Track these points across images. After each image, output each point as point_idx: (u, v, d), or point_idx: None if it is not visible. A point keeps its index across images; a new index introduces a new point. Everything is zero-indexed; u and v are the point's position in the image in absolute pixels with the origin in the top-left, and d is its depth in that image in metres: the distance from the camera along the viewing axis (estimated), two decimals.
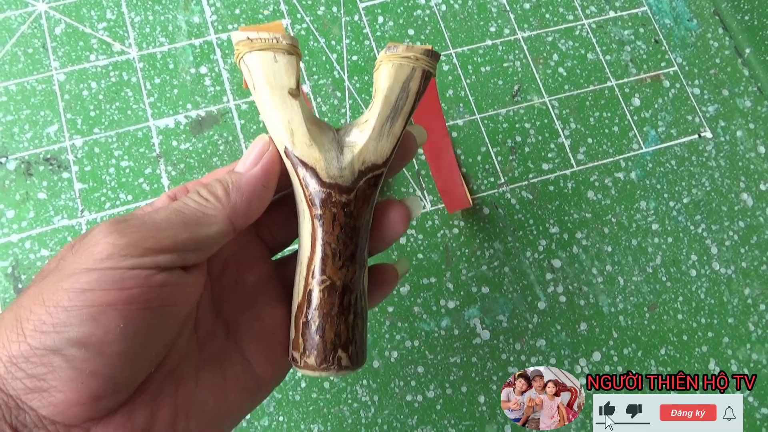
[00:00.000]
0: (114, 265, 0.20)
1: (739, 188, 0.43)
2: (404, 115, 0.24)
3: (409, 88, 0.24)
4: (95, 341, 0.19)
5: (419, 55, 0.24)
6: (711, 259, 0.41)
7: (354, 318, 0.24)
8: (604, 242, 0.41)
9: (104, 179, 0.40)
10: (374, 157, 0.24)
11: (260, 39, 0.23)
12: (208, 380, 0.24)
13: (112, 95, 0.42)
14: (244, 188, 0.23)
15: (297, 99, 0.23)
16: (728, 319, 0.40)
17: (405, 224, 0.26)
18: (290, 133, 0.23)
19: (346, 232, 0.24)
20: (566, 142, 0.43)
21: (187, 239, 0.22)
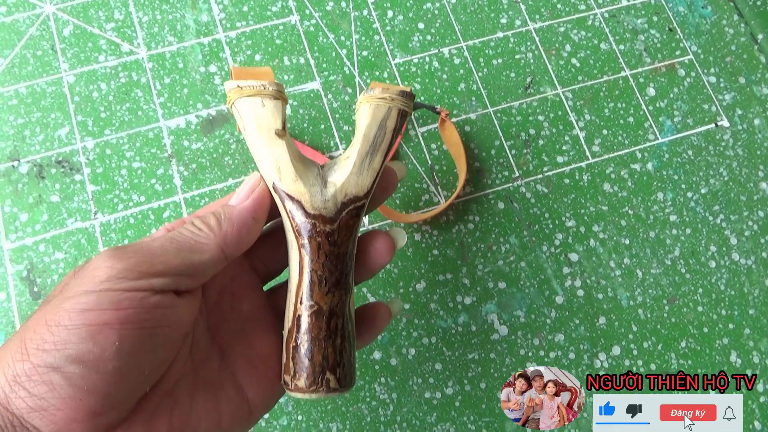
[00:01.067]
0: (111, 287, 0.21)
1: (757, 177, 0.42)
2: (382, 151, 0.27)
3: (386, 126, 0.26)
4: (93, 358, 0.20)
5: (395, 95, 0.26)
6: (730, 249, 0.40)
7: (341, 341, 0.26)
8: (621, 235, 0.40)
9: (116, 181, 0.40)
10: (355, 189, 0.26)
11: (249, 86, 0.26)
12: (201, 403, 0.25)
13: (122, 96, 0.41)
14: (235, 219, 0.25)
15: (283, 139, 0.26)
16: (749, 311, 0.39)
17: (390, 254, 0.28)
18: (277, 170, 0.26)
19: (331, 259, 0.26)
20: (581, 134, 0.43)
21: (180, 264, 0.23)
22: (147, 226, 0.39)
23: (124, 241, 0.38)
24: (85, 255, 0.38)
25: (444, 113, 0.41)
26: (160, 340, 0.23)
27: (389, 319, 0.29)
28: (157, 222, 0.39)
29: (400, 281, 0.39)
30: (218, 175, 0.40)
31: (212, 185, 0.40)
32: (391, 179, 0.29)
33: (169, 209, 0.39)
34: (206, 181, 0.40)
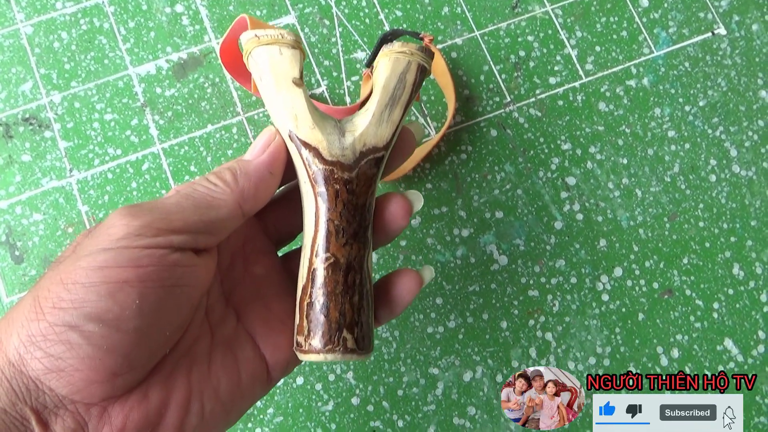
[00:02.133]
0: (129, 244, 0.20)
1: (756, 85, 0.40)
2: (402, 104, 0.26)
3: (406, 80, 0.26)
4: (112, 317, 0.20)
5: (414, 50, 0.26)
6: (731, 162, 0.39)
7: (359, 299, 0.25)
8: (618, 154, 0.39)
9: (89, 135, 0.38)
10: (374, 140, 0.25)
11: (267, 35, 0.25)
12: (220, 362, 0.24)
13: (85, 44, 0.39)
14: (252, 174, 0.24)
15: (301, 88, 0.25)
16: (751, 222, 0.39)
17: (406, 219, 0.27)
18: (294, 118, 0.25)
19: (349, 209, 0.25)
20: (573, 52, 0.41)
21: (198, 221, 0.22)
22: (126, 180, 0.37)
23: (104, 198, 0.37)
24: (64, 214, 0.36)
25: (428, 39, 0.39)
26: (180, 299, 0.22)
27: (419, 288, 0.27)
28: (137, 176, 0.37)
29: None
30: (196, 121, 0.38)
31: (191, 132, 0.38)
32: (409, 141, 0.28)
33: (148, 161, 0.38)
34: (184, 128, 0.38)
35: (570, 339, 0.37)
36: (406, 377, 0.36)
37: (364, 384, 0.36)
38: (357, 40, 0.40)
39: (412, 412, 0.36)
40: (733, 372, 0.37)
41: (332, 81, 0.39)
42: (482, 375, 0.36)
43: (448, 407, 0.36)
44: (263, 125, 0.38)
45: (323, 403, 0.36)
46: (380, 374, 0.36)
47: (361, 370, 0.36)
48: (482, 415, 0.36)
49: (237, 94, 0.39)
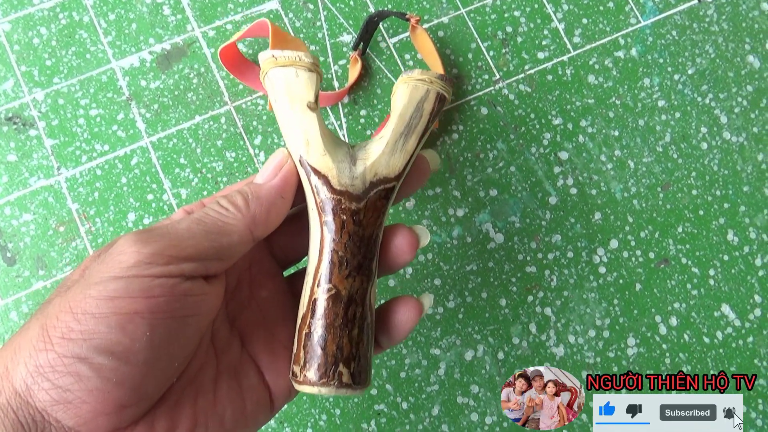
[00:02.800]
0: (140, 272, 0.20)
1: (744, 51, 0.40)
2: (417, 133, 0.25)
3: (423, 108, 0.25)
4: (122, 349, 0.19)
5: (434, 78, 0.25)
6: (721, 129, 0.39)
7: (359, 333, 0.24)
8: (610, 127, 0.39)
9: (75, 132, 0.37)
10: (386, 170, 0.25)
11: (284, 57, 0.24)
12: (225, 391, 0.24)
13: (65, 39, 0.38)
14: (264, 198, 0.24)
15: (315, 112, 0.24)
16: (743, 188, 0.39)
17: (412, 253, 0.26)
18: (306, 143, 0.24)
19: (354, 240, 0.24)
20: (560, 26, 0.40)
21: (209, 248, 0.22)
22: (116, 176, 0.37)
23: (94, 195, 0.36)
24: (54, 213, 0.36)
25: (414, 19, 0.38)
26: (190, 329, 0.22)
27: (419, 316, 0.26)
28: (126, 171, 0.37)
29: None
30: (183, 113, 0.38)
31: (179, 125, 0.38)
32: (423, 169, 0.27)
33: (137, 155, 0.37)
34: (171, 121, 0.38)
35: (569, 313, 0.37)
36: (408, 359, 0.36)
37: None
38: (342, 23, 0.40)
39: (415, 394, 0.36)
40: (731, 338, 0.37)
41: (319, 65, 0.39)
42: (483, 353, 0.36)
43: (451, 387, 0.36)
44: (251, 114, 0.38)
45: None
46: (382, 357, 0.36)
47: None
48: (485, 392, 0.36)
49: (223, 83, 0.38)
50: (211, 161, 0.37)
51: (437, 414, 0.36)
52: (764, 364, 0.37)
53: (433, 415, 0.36)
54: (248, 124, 0.38)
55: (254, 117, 0.38)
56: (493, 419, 0.36)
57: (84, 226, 0.36)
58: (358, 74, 0.38)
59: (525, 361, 0.36)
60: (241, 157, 0.37)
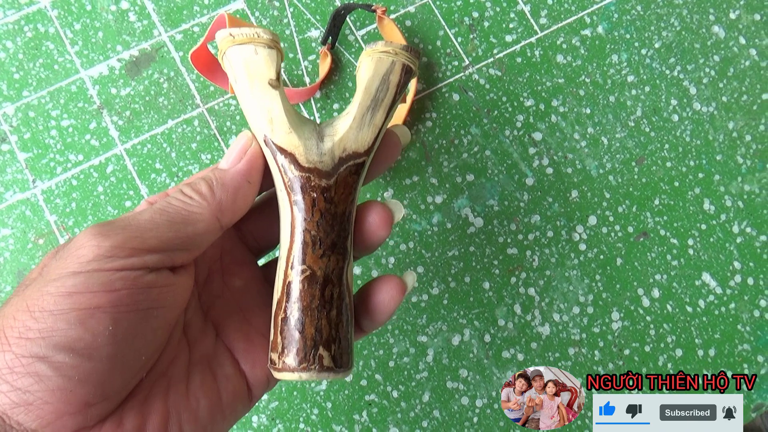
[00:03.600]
0: (101, 266, 0.19)
1: (709, 21, 0.41)
2: (385, 106, 0.25)
3: (389, 81, 0.25)
4: (84, 345, 0.19)
5: (398, 50, 0.25)
6: (691, 100, 0.40)
7: (337, 314, 0.23)
8: (581, 105, 0.39)
9: (48, 143, 0.37)
10: (355, 145, 0.24)
11: (241, 34, 0.24)
12: (198, 382, 0.23)
13: (32, 52, 0.38)
14: (229, 184, 0.23)
15: (277, 90, 0.24)
16: (716, 157, 0.39)
17: (387, 229, 0.25)
18: (269, 121, 0.24)
19: (327, 218, 0.24)
20: (525, 8, 0.41)
21: (174, 238, 0.21)
22: (92, 185, 0.37)
23: (71, 205, 0.36)
24: (33, 226, 0.36)
25: (381, 10, 0.38)
26: (156, 322, 0.21)
27: (402, 295, 0.25)
28: (102, 179, 0.37)
29: (366, 194, 0.38)
30: (156, 118, 0.38)
31: (152, 130, 0.38)
32: (393, 143, 0.27)
33: (112, 163, 0.37)
34: (144, 127, 0.38)
35: (552, 291, 0.37)
36: (396, 348, 0.36)
37: (355, 360, 0.36)
38: (309, 18, 0.40)
39: (405, 382, 0.36)
40: (713, 305, 0.37)
41: (289, 62, 0.39)
42: (470, 337, 0.37)
43: (440, 372, 0.36)
44: (224, 115, 0.38)
45: (316, 383, 0.36)
46: (370, 348, 0.36)
47: None
48: (474, 375, 0.36)
49: (194, 86, 0.38)
50: (186, 164, 0.37)
51: (428, 400, 0.36)
52: (747, 330, 0.37)
53: (424, 402, 0.36)
54: (222, 125, 0.38)
55: (227, 117, 0.38)
56: (483, 402, 0.36)
57: (63, 237, 0.36)
58: (328, 68, 0.38)
59: (512, 342, 0.37)
60: (216, 159, 0.37)
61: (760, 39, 0.41)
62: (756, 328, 0.37)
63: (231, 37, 0.24)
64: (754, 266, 0.38)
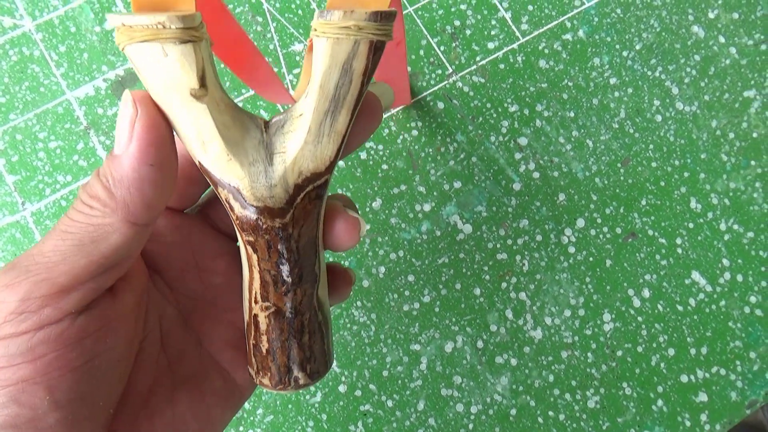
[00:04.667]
0: (15, 330, 0.16)
1: (688, 21, 0.41)
2: (349, 105, 0.19)
3: (352, 69, 0.18)
4: (25, 421, 0.17)
5: (362, 22, 0.17)
6: (674, 99, 0.40)
7: (310, 337, 0.22)
8: (565, 109, 0.40)
9: (36, 165, 0.37)
10: (313, 164, 0.19)
11: (140, 25, 0.16)
12: (185, 403, 0.22)
13: (18, 75, 0.38)
14: (127, 177, 0.18)
15: (203, 100, 0.18)
16: (701, 155, 0.39)
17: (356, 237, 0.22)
18: (202, 145, 0.18)
19: (287, 256, 0.20)
20: (506, 14, 0.41)
21: (88, 264, 0.17)
22: None
23: None
24: (23, 249, 0.36)
25: None
26: (101, 370, 0.18)
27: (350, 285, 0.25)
28: None
29: (355, 203, 0.38)
30: None
31: None
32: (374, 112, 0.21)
33: None
34: None
35: (543, 295, 0.38)
36: (389, 357, 0.37)
37: (348, 370, 0.36)
38: (293, 32, 0.40)
39: (399, 391, 0.36)
40: (704, 303, 0.38)
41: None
42: (463, 343, 0.37)
43: (435, 380, 0.36)
44: None
45: (311, 395, 0.36)
46: (363, 358, 0.36)
47: (344, 357, 0.36)
48: (468, 382, 0.36)
49: None
50: None
51: (423, 408, 0.36)
52: (738, 326, 0.37)
53: (419, 410, 0.36)
54: None
55: None
56: (478, 408, 0.36)
57: None
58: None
59: (504, 347, 0.37)
60: None
61: (740, 37, 0.41)
62: (747, 325, 0.37)
63: (127, 28, 0.17)
64: (742, 263, 0.38)
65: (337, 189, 0.38)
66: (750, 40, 0.41)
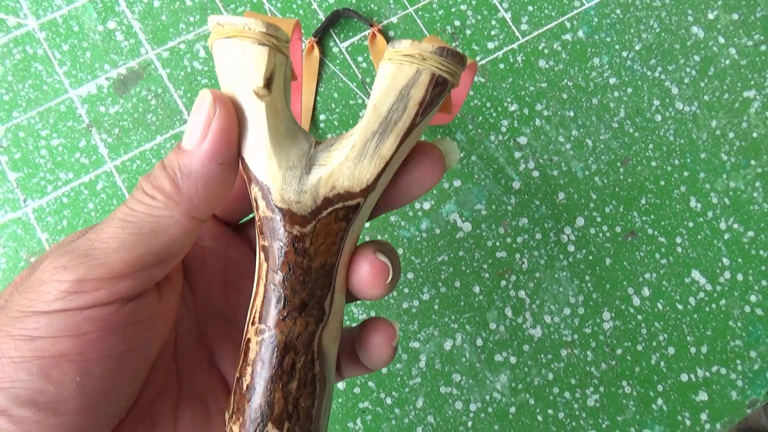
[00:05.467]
0: (65, 306, 0.17)
1: (688, 22, 0.41)
2: (398, 132, 0.19)
3: (409, 97, 0.18)
4: (48, 399, 0.17)
5: (427, 53, 0.18)
6: (673, 99, 0.40)
7: (298, 387, 0.19)
8: (565, 108, 0.40)
9: (38, 163, 0.37)
10: (349, 182, 0.19)
11: (231, 24, 0.18)
12: (188, 420, 0.21)
13: (21, 73, 0.38)
14: (196, 172, 0.18)
15: (264, 99, 0.19)
16: (701, 155, 0.39)
17: (381, 287, 0.20)
18: (248, 140, 0.19)
19: (296, 274, 0.19)
20: (506, 15, 0.41)
21: (145, 253, 0.18)
22: (82, 202, 0.37)
23: (63, 223, 0.37)
24: (25, 245, 0.36)
25: (377, 27, 0.39)
26: (134, 364, 0.18)
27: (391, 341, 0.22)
28: (92, 196, 0.37)
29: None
30: (144, 135, 0.38)
31: (141, 146, 0.38)
32: (433, 163, 0.20)
33: (102, 180, 0.37)
34: (133, 143, 0.38)
35: (543, 293, 0.38)
36: None
37: None
38: None
39: (398, 388, 0.36)
40: (704, 302, 0.38)
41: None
42: (462, 341, 0.37)
43: (433, 377, 0.36)
44: None
45: None
46: None
47: None
48: (467, 380, 0.36)
49: (181, 101, 0.39)
50: None
51: (422, 406, 0.36)
52: (738, 326, 0.37)
53: (418, 408, 0.36)
54: None
55: None
56: (477, 406, 0.36)
57: None
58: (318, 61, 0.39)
59: (504, 345, 0.37)
60: None
61: (739, 38, 0.41)
62: (747, 324, 0.37)
63: (220, 26, 0.19)
64: (742, 262, 0.38)
65: None
66: (750, 41, 0.41)
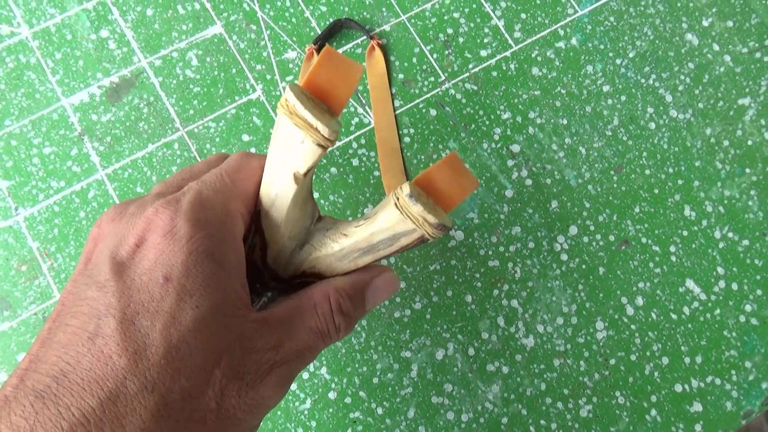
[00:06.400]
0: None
1: (682, 30, 0.41)
2: (377, 256, 0.24)
3: (398, 241, 0.23)
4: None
5: (429, 221, 0.22)
6: (667, 107, 0.40)
7: None
8: (558, 116, 0.40)
9: (30, 171, 0.37)
10: (325, 269, 0.24)
11: (303, 114, 0.21)
12: None
13: (14, 82, 0.39)
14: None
15: (297, 182, 0.22)
16: (695, 163, 0.39)
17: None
18: (272, 206, 0.23)
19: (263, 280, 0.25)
20: (499, 22, 0.41)
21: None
22: (74, 210, 0.37)
23: (54, 231, 0.37)
24: (15, 253, 0.36)
25: (377, 41, 0.39)
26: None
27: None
28: (83, 205, 0.37)
29: (346, 209, 0.38)
30: (136, 143, 0.38)
31: (132, 154, 0.38)
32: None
33: (93, 188, 0.37)
34: (125, 152, 0.38)
35: (535, 303, 0.37)
36: (380, 364, 0.36)
37: (338, 377, 0.36)
38: (286, 40, 0.40)
39: (389, 398, 0.36)
40: (698, 312, 0.37)
41: (266, 84, 0.40)
42: (454, 351, 0.37)
43: (425, 387, 0.36)
44: (204, 138, 0.38)
45: (300, 402, 0.36)
46: (353, 365, 0.36)
47: (334, 364, 0.36)
48: (459, 390, 0.36)
49: (173, 110, 0.39)
50: None
51: (413, 416, 0.36)
52: (733, 335, 0.37)
53: (409, 418, 0.36)
54: (201, 148, 0.38)
55: (207, 140, 0.38)
56: (469, 416, 0.36)
57: (46, 263, 0.36)
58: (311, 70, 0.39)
59: (496, 354, 0.36)
60: None
61: (734, 45, 0.41)
62: (742, 334, 0.37)
63: (291, 108, 0.21)
64: (737, 271, 0.38)
65: (329, 195, 0.38)
66: (744, 48, 0.41)
